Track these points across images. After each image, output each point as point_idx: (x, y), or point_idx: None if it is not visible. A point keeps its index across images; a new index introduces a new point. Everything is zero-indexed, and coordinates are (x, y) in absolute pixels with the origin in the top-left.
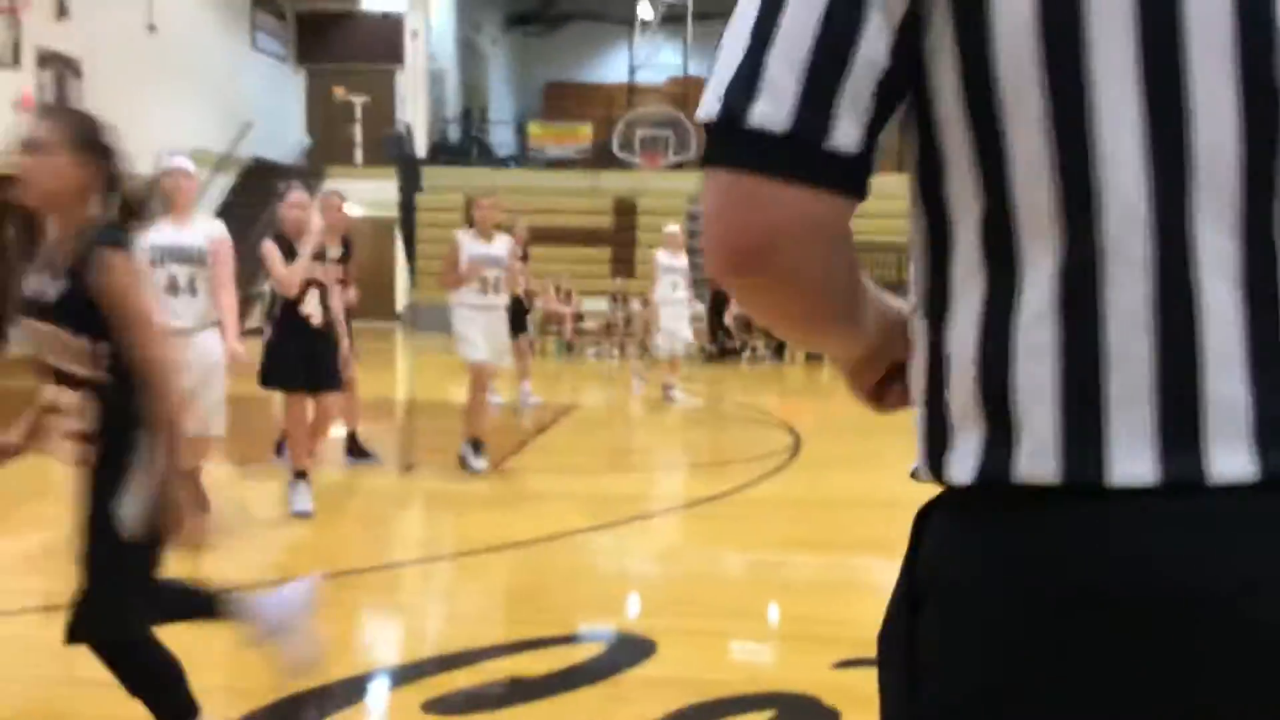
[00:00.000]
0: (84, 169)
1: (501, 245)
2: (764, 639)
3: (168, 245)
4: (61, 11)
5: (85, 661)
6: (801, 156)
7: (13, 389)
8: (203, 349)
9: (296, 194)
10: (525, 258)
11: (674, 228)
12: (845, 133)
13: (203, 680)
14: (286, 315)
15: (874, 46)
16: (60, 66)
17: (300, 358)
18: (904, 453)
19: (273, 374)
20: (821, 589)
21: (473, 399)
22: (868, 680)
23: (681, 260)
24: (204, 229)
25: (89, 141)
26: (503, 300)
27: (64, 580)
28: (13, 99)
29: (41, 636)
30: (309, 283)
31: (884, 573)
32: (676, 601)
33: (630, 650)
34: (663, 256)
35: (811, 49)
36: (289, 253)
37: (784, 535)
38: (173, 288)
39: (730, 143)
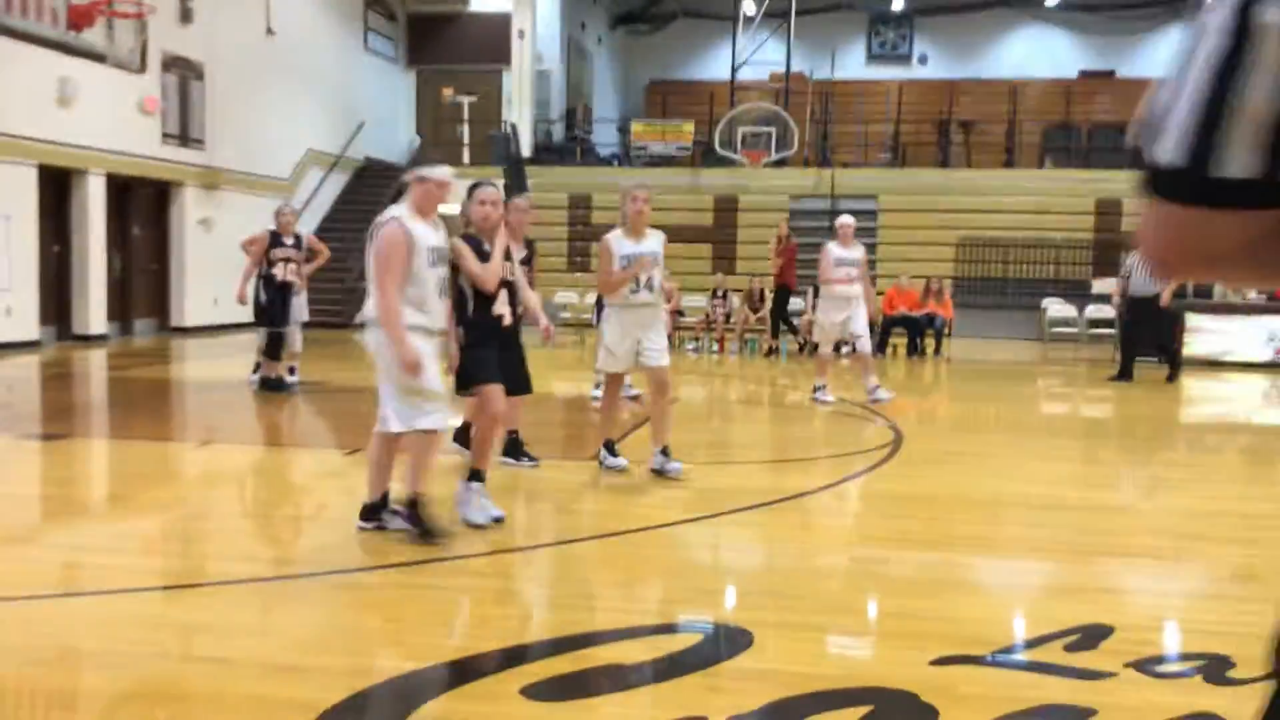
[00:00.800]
0: None
1: (654, 241)
2: (862, 634)
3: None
4: (185, 16)
5: (201, 640)
6: (1245, 193)
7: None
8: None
9: (488, 190)
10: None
11: (847, 219)
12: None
13: (320, 660)
14: (479, 315)
15: None
16: (183, 70)
17: (497, 358)
18: (1006, 451)
19: (474, 377)
20: (921, 586)
21: (607, 404)
22: (966, 678)
23: (856, 251)
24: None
25: None
26: (658, 298)
27: (182, 560)
28: (138, 101)
29: (160, 614)
30: (501, 283)
31: (985, 571)
32: (774, 595)
33: (728, 642)
34: (835, 249)
35: (1267, 112)
36: (479, 252)
37: (884, 531)
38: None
39: (1187, 185)
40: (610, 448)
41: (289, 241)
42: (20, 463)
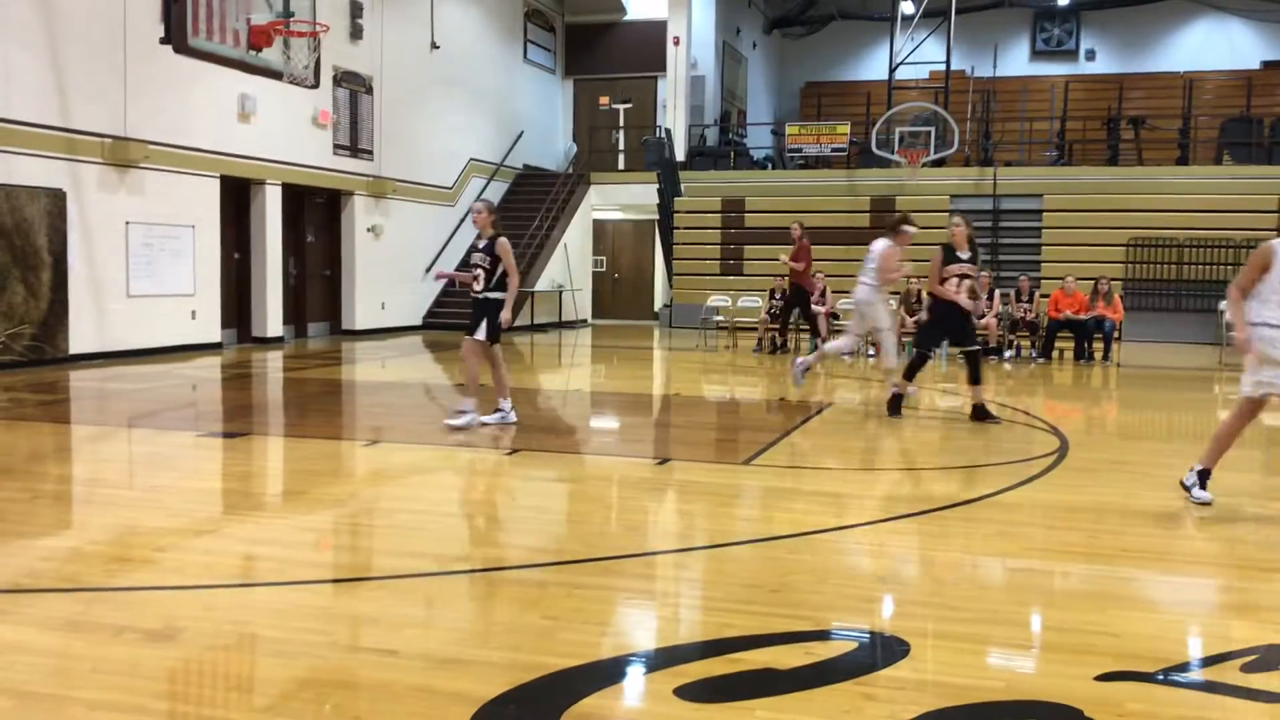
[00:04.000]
0: None
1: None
2: (1023, 646)
3: None
4: (355, 34)
5: (369, 631)
6: None
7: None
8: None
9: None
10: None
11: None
12: None
13: (480, 654)
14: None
15: None
16: (353, 84)
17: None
18: (1179, 461)
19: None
20: (1085, 599)
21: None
22: (1133, 695)
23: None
24: None
25: None
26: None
27: (352, 554)
28: (311, 115)
29: (331, 606)
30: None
31: (1154, 586)
32: (932, 604)
33: (883, 650)
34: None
35: None
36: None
37: (1046, 541)
38: None
39: None
40: (1205, 478)
41: (964, 256)
42: (203, 459)
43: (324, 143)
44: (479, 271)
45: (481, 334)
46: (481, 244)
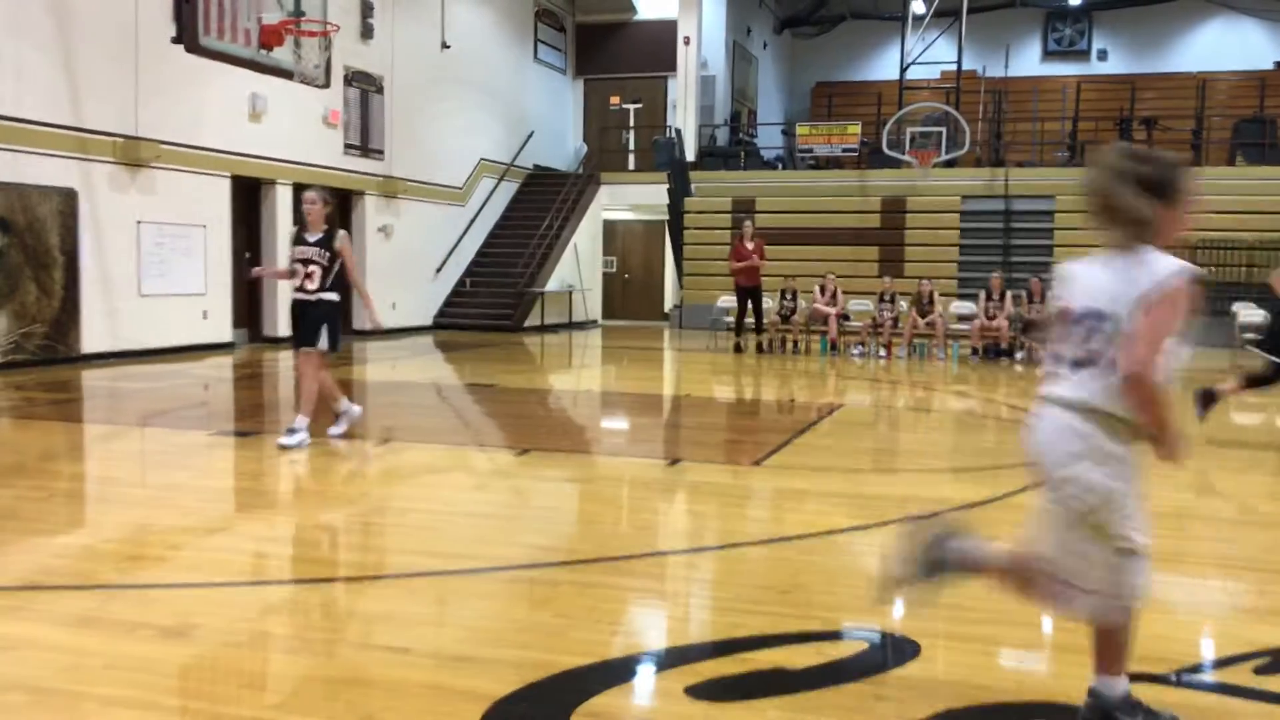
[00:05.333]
0: None
1: None
2: (1035, 647)
3: None
4: (366, 33)
5: (381, 629)
6: None
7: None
8: None
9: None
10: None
11: None
12: None
13: (492, 652)
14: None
15: None
16: (364, 84)
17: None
18: (1194, 462)
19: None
20: None
21: None
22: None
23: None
24: None
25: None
26: None
27: (364, 553)
28: (322, 115)
29: (344, 604)
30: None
31: (1168, 587)
32: (943, 605)
33: (894, 650)
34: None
35: None
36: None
37: None
38: None
39: None
40: None
41: None
42: (216, 458)
43: (334, 142)
44: (314, 269)
45: (324, 343)
46: (313, 238)
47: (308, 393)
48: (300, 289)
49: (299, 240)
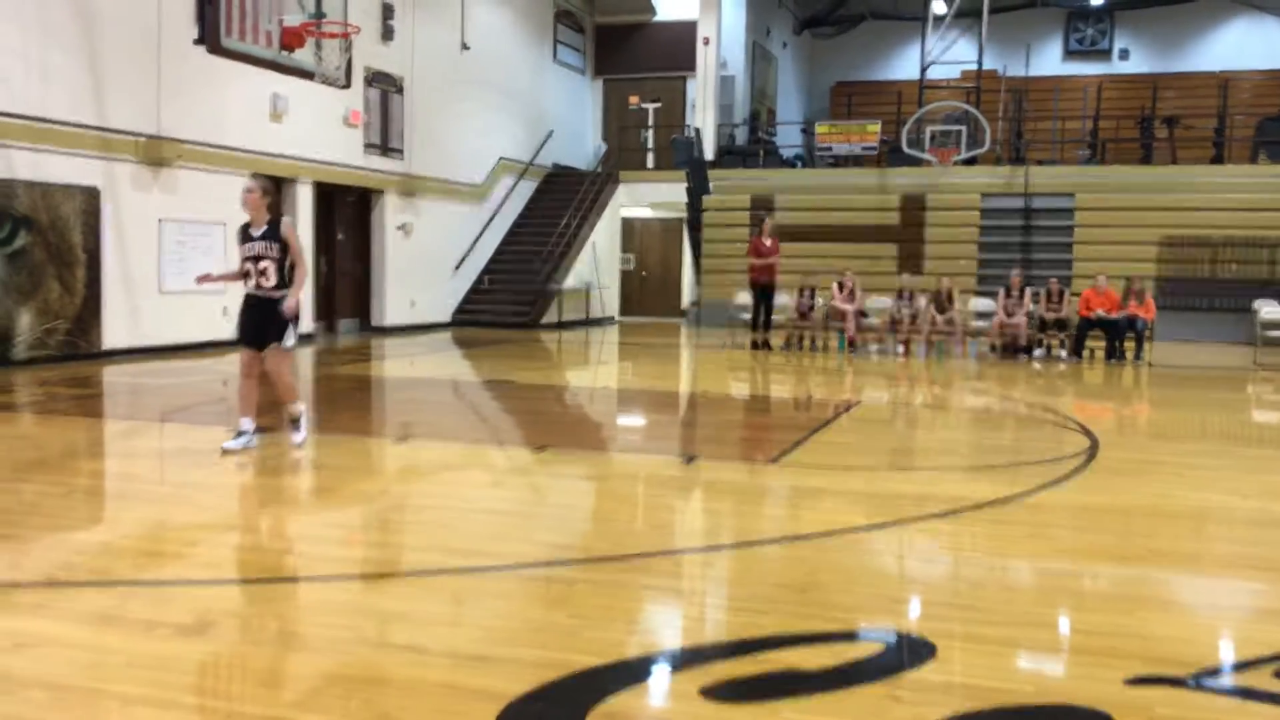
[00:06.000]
0: None
1: None
2: (1051, 649)
3: None
4: (386, 34)
5: (397, 628)
6: None
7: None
8: None
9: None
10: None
11: None
12: None
13: (508, 651)
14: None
15: None
16: (384, 84)
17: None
18: (1212, 462)
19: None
20: (1115, 601)
21: None
22: (1164, 700)
23: None
24: None
25: None
26: None
27: (381, 551)
28: (343, 115)
29: (358, 602)
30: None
31: (1186, 589)
32: (959, 606)
33: (910, 652)
34: None
35: None
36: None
37: (1076, 543)
38: None
39: None
40: None
41: None
42: (234, 454)
43: (355, 142)
44: (266, 264)
45: (290, 340)
46: (258, 232)
47: (284, 386)
48: (257, 287)
49: (245, 237)
